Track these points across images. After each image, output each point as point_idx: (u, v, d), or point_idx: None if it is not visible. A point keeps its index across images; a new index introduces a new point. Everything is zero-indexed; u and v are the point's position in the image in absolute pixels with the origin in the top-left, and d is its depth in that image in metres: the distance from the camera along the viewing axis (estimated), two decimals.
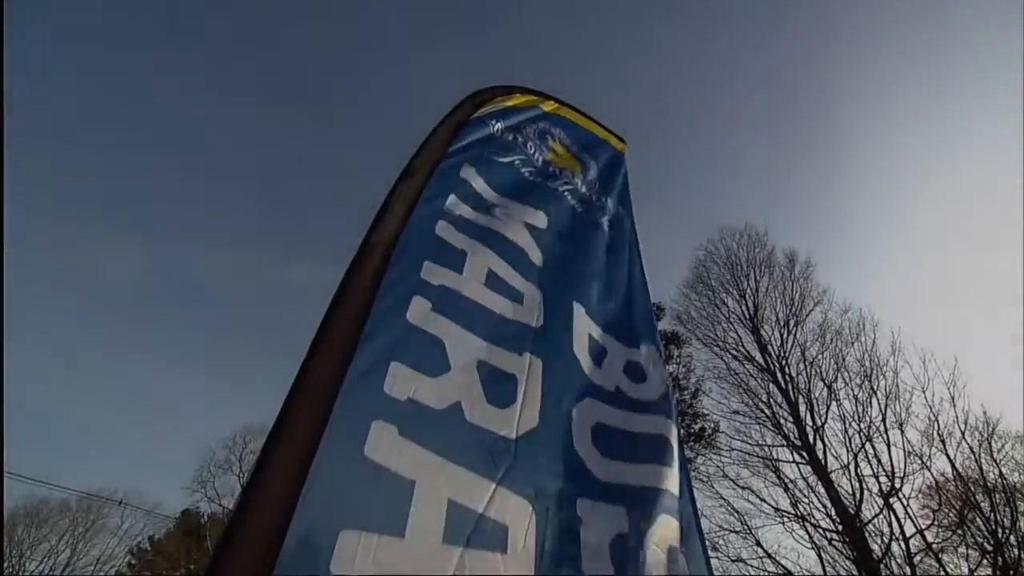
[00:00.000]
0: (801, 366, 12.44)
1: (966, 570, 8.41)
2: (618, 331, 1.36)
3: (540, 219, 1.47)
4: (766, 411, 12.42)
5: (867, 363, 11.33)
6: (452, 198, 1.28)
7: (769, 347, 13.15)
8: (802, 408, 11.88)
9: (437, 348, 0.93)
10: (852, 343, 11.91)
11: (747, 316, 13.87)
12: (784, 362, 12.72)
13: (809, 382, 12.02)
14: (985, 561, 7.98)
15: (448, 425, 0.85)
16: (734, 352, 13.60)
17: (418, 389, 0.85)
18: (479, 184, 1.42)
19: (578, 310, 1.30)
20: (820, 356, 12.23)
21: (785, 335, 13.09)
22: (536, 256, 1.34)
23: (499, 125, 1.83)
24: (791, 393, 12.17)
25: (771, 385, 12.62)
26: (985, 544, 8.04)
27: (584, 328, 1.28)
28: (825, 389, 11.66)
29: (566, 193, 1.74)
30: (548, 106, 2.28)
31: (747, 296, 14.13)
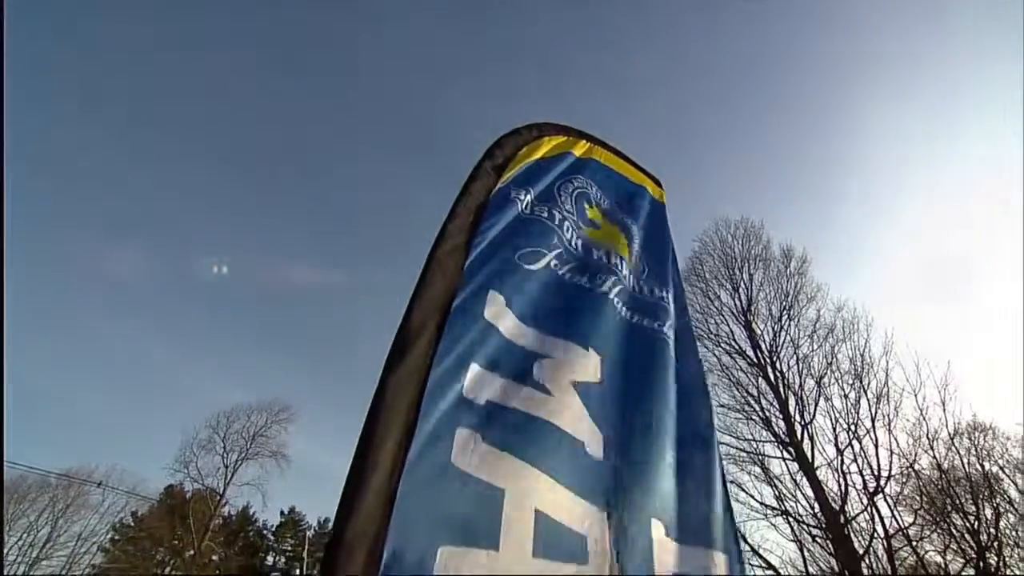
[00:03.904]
0: (792, 362, 12.39)
1: (947, 573, 8.61)
2: (700, 538, 0.97)
3: (590, 366, 1.05)
4: (755, 406, 12.42)
5: (859, 362, 11.30)
6: (475, 369, 0.86)
7: (761, 342, 13.04)
8: (791, 404, 11.89)
9: None
10: (844, 341, 11.85)
11: (740, 310, 13.69)
12: (775, 357, 12.64)
13: (800, 378, 12.00)
14: (969, 568, 8.15)
15: None
16: (726, 346, 13.46)
17: None
18: (510, 324, 0.99)
19: (657, 534, 0.90)
20: (812, 353, 12.18)
21: (777, 330, 12.98)
22: (595, 445, 0.93)
23: (527, 197, 1.39)
24: (781, 389, 12.14)
25: (761, 380, 12.57)
26: (968, 550, 8.18)
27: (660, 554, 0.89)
28: (815, 386, 11.65)
29: (617, 298, 1.31)
30: (580, 149, 1.83)
31: (741, 290, 13.92)
